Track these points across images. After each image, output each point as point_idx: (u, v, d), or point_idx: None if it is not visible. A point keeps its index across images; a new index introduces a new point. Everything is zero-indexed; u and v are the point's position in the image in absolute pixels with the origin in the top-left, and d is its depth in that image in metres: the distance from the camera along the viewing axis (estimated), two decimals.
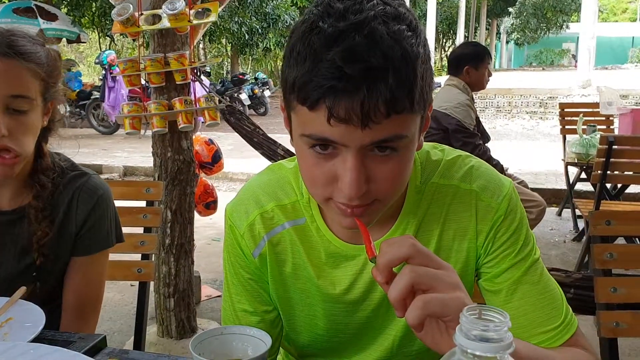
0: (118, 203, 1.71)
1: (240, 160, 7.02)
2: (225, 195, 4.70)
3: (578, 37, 14.06)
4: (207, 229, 4.63)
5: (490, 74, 3.41)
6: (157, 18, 2.51)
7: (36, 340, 0.93)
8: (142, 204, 1.71)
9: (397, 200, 0.90)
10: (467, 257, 0.92)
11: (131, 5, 2.46)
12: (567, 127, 4.68)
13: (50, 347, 0.88)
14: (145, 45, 2.98)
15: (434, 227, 0.91)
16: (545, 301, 0.89)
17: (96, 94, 11.38)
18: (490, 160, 3.20)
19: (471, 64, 3.29)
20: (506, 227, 0.90)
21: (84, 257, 1.26)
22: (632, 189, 4.28)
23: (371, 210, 0.79)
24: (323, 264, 0.94)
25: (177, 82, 2.55)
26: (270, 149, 2.84)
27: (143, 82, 2.70)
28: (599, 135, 3.59)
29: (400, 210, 0.91)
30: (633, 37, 36.72)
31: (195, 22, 2.51)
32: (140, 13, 2.51)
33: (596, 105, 4.67)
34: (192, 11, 2.49)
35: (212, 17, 2.54)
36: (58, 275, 1.26)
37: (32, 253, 1.20)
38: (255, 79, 14.54)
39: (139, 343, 1.63)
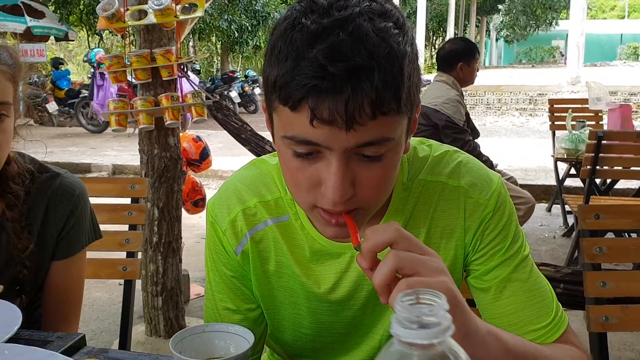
0: (103, 200, 1.69)
1: (230, 159, 6.99)
2: (214, 194, 4.68)
3: (567, 35, 14.12)
4: (196, 227, 4.60)
5: (477, 69, 3.41)
6: (143, 13, 2.48)
7: (12, 340, 0.90)
8: (127, 201, 1.68)
9: None
10: (455, 255, 0.90)
11: (117, 1, 2.43)
12: (556, 123, 4.69)
13: (26, 347, 0.85)
14: (133, 42, 2.94)
15: (421, 225, 0.89)
16: (535, 298, 0.87)
17: (85, 93, 11.31)
18: (480, 156, 3.19)
19: (464, 60, 3.28)
20: (495, 224, 0.88)
21: (64, 261, 1.21)
22: (621, 184, 4.30)
23: (355, 219, 0.77)
24: (307, 261, 0.91)
25: (164, 78, 2.52)
26: (258, 146, 2.82)
27: (130, 79, 2.67)
28: (588, 131, 3.60)
29: (386, 208, 0.89)
30: (621, 34, 36.96)
31: (181, 17, 2.48)
32: (125, 8, 2.48)
33: (585, 101, 4.67)
34: (178, 6, 2.46)
35: (199, 12, 2.52)
36: (40, 282, 1.21)
37: (13, 267, 1.14)
38: (246, 76, 14.51)
39: (124, 342, 1.61)
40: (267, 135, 3.14)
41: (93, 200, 1.68)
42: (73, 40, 15.09)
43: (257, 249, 0.93)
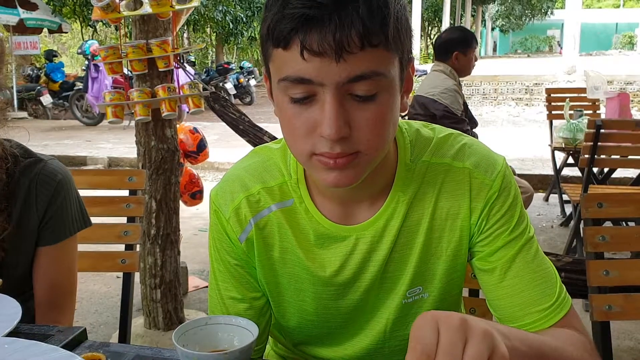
0: (100, 192, 1.67)
1: (227, 150, 6.97)
2: (211, 186, 4.67)
3: (563, 24, 14.10)
4: (194, 219, 4.59)
5: (476, 59, 3.39)
6: (138, 3, 2.45)
7: (12, 334, 0.89)
8: (125, 193, 1.67)
9: (387, 177, 0.89)
10: (460, 237, 0.90)
11: None
12: (553, 112, 4.68)
13: (27, 341, 0.84)
14: (128, 35, 2.91)
15: (426, 206, 0.89)
16: (539, 279, 0.87)
17: (79, 85, 11.24)
18: None
19: (459, 49, 3.26)
20: (500, 204, 0.88)
21: (50, 246, 1.20)
22: (618, 173, 4.30)
23: (355, 163, 0.77)
24: (312, 246, 0.91)
25: (160, 69, 2.50)
26: (256, 137, 2.80)
27: (125, 70, 2.64)
28: (586, 120, 3.59)
29: (390, 187, 0.89)
30: (617, 24, 36.97)
31: (177, 7, 2.45)
32: None
33: (582, 90, 4.67)
34: None
35: (195, 2, 2.49)
36: (24, 268, 1.20)
37: None
38: (241, 68, 14.43)
39: (124, 335, 1.60)
40: (265, 126, 3.12)
41: (90, 193, 1.66)
42: (67, 32, 14.99)
43: (262, 236, 0.92)
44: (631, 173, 4.53)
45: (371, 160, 0.79)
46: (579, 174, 4.11)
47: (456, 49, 3.26)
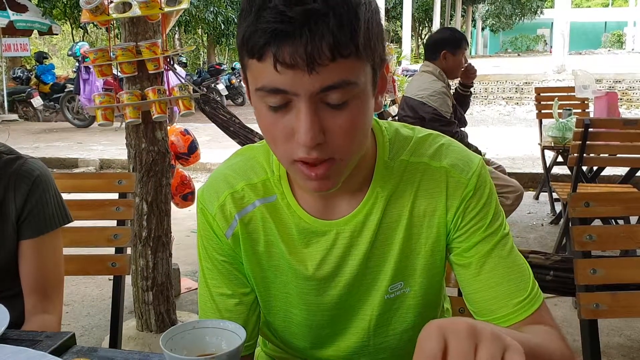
0: (89, 196, 1.67)
1: (218, 151, 6.96)
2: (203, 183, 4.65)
3: (552, 23, 14.16)
4: (186, 220, 4.58)
5: (466, 61, 3.39)
6: (127, 6, 2.45)
7: (0, 340, 0.88)
8: (115, 196, 1.66)
9: (366, 173, 0.91)
10: (438, 233, 0.93)
11: None
12: (543, 111, 4.72)
13: (15, 347, 0.84)
14: (118, 36, 2.91)
15: (404, 204, 0.92)
16: (513, 274, 0.90)
17: (70, 87, 11.18)
18: (468, 146, 3.19)
19: (449, 48, 3.27)
20: (475, 202, 0.91)
21: (32, 239, 1.25)
22: (607, 171, 4.33)
23: (333, 171, 0.80)
24: (294, 240, 0.93)
25: (150, 72, 2.49)
26: (247, 138, 2.80)
27: (116, 72, 2.63)
28: (574, 119, 3.61)
29: (369, 183, 0.92)
30: (605, 22, 37.18)
31: (166, 9, 2.45)
32: (110, 1, 2.44)
33: (571, 89, 4.70)
34: None
35: (184, 4, 2.49)
36: (6, 261, 1.24)
37: None
38: (232, 69, 14.41)
39: (115, 339, 1.59)
40: (255, 127, 3.11)
41: (80, 197, 1.66)
42: (57, 34, 14.90)
43: (247, 231, 0.95)
44: (620, 171, 4.57)
45: (347, 165, 0.82)
46: (568, 172, 4.14)
47: (445, 48, 3.27)
